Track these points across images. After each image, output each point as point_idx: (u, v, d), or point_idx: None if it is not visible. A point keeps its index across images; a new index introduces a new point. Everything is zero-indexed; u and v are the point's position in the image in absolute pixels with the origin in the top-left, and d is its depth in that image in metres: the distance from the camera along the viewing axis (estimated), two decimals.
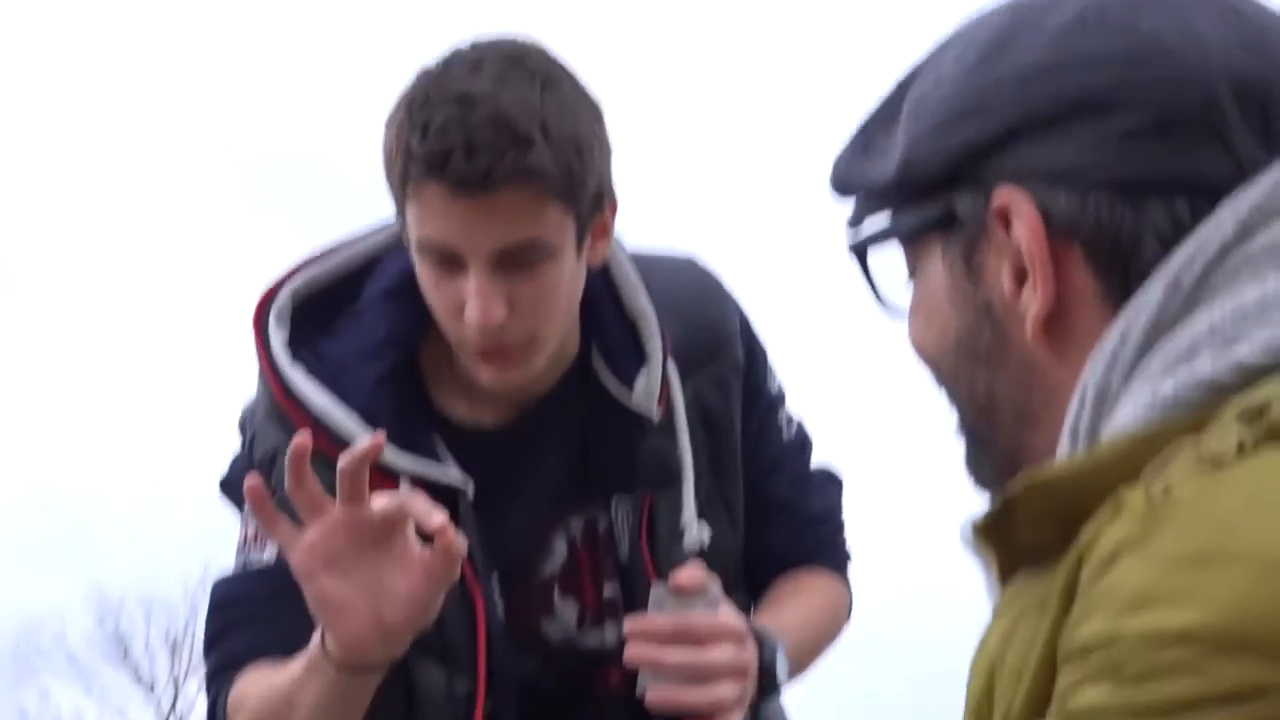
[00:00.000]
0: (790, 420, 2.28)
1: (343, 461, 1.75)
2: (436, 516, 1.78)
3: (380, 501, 1.79)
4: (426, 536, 1.82)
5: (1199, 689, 1.00)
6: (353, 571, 1.80)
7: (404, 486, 2.01)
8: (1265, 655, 1.00)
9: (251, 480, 1.80)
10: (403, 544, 1.81)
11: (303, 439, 1.76)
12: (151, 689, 36.05)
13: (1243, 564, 1.02)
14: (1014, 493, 1.15)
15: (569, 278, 1.99)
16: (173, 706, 34.84)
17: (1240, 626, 1.01)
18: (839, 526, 2.33)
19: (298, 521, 1.82)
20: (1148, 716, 1.02)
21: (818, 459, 2.32)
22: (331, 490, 1.88)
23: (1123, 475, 1.11)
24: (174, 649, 35.21)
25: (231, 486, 2.15)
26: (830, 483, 2.33)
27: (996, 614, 1.19)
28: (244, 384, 2.16)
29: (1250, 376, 1.13)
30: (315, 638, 1.89)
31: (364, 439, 1.77)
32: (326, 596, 1.81)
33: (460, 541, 1.80)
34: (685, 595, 1.98)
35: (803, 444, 2.30)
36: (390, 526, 1.79)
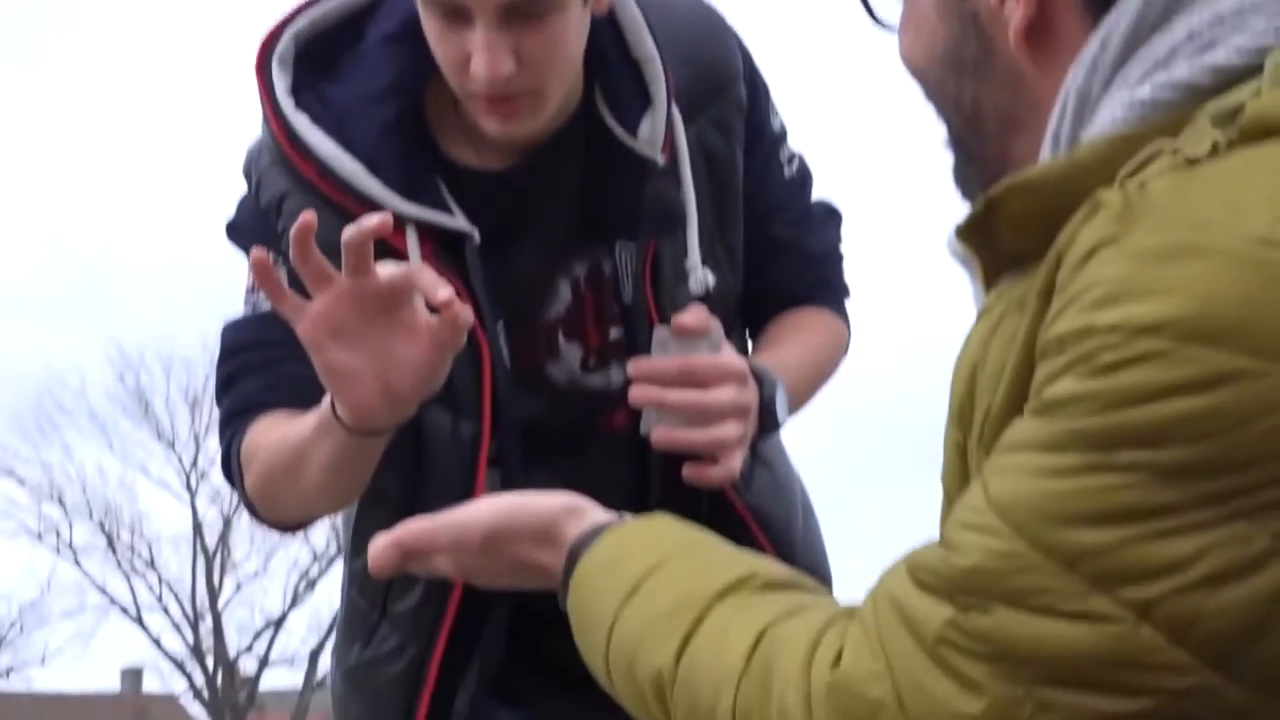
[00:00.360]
0: (791, 157, 2.28)
1: (348, 234, 1.76)
2: (443, 290, 1.77)
3: (387, 271, 1.80)
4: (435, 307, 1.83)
5: (1169, 377, 1.05)
6: (360, 340, 1.80)
7: (410, 234, 2.02)
8: (1232, 344, 1.04)
9: (257, 252, 1.80)
10: (410, 312, 1.80)
11: (308, 216, 1.76)
12: (172, 445, 36.49)
13: (1212, 257, 1.06)
14: (996, 193, 1.19)
15: (575, 28, 1.99)
16: (194, 463, 35.27)
17: (1209, 317, 1.05)
18: (838, 263, 2.35)
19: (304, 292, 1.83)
20: (1119, 404, 1.06)
21: (817, 193, 2.34)
22: (339, 239, 1.92)
23: (1101, 176, 1.14)
24: (194, 405, 35.48)
25: (238, 230, 2.16)
26: (829, 218, 2.34)
27: (979, 317, 1.24)
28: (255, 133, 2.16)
29: (1225, 79, 1.16)
30: (325, 401, 1.91)
31: (372, 218, 1.76)
32: (334, 366, 1.82)
33: (466, 312, 1.81)
34: (688, 337, 2.02)
35: (803, 180, 2.31)
36: (397, 295, 1.80)
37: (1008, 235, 1.20)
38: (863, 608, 1.17)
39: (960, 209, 1.35)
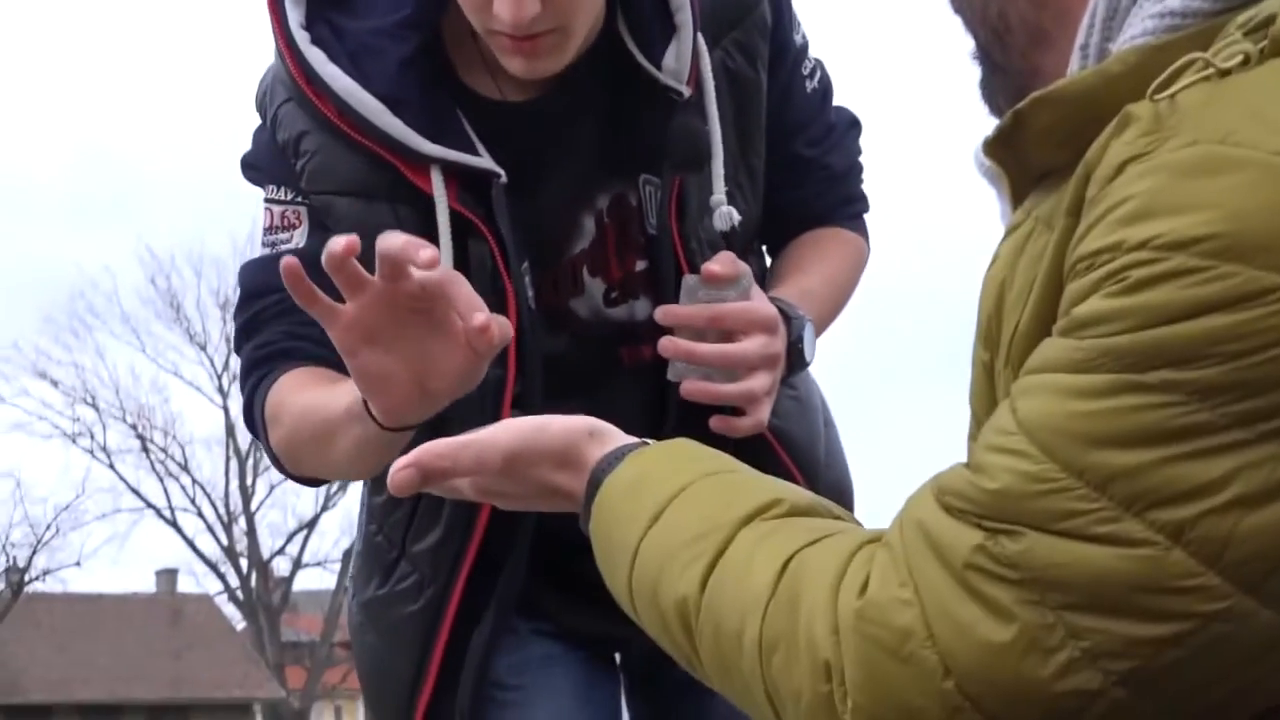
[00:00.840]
0: (813, 70, 2.23)
1: (386, 247, 1.66)
2: (478, 315, 1.67)
3: (422, 274, 1.68)
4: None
5: (1200, 295, 1.03)
6: (395, 344, 1.72)
7: (435, 175, 1.97)
8: (1264, 260, 1.02)
9: (288, 262, 1.69)
10: (446, 312, 1.70)
11: (351, 241, 1.64)
12: (204, 348, 36.62)
13: (1244, 170, 1.03)
14: (1024, 107, 1.16)
15: None
16: (226, 365, 35.33)
17: (1241, 233, 1.03)
18: (858, 176, 2.32)
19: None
20: (1150, 323, 1.04)
21: (837, 102, 2.30)
22: (361, 177, 1.90)
23: (1131, 88, 1.12)
24: (225, 307, 35.54)
25: (254, 167, 2.12)
26: (850, 129, 2.31)
27: (1006, 233, 1.21)
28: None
29: None
30: (357, 391, 1.82)
31: (424, 254, 1.64)
32: (368, 369, 1.74)
33: (506, 327, 1.71)
34: (717, 285, 1.98)
35: (824, 92, 2.26)
36: (432, 298, 1.69)
37: (1035, 150, 1.18)
38: (889, 533, 1.15)
39: (986, 121, 1.32)
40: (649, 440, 1.39)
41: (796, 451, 2.17)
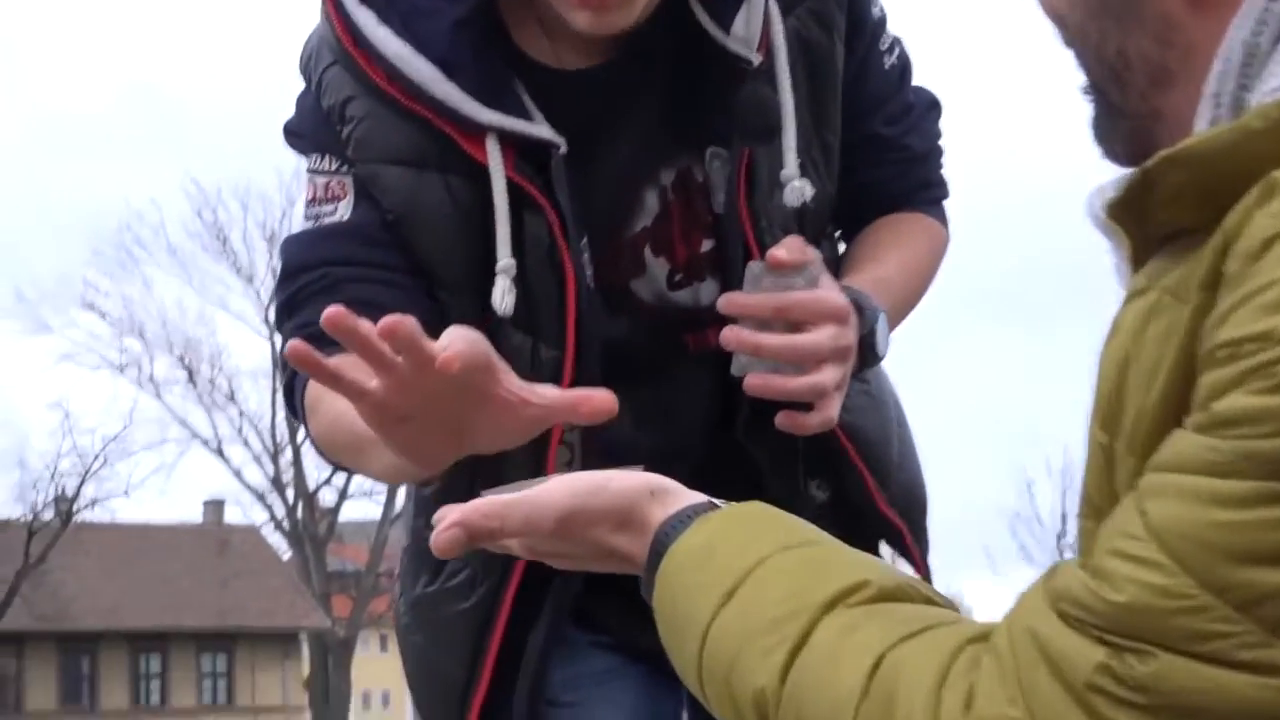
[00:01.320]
0: (891, 46, 2.11)
1: (410, 344, 1.46)
2: (534, 399, 1.50)
3: (460, 351, 1.47)
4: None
5: None
6: (430, 416, 1.53)
7: (491, 144, 1.86)
8: None
9: (294, 345, 1.48)
10: (485, 382, 1.51)
11: (393, 321, 1.44)
12: (250, 280, 36.67)
13: None
14: (1151, 165, 1.04)
15: None
16: (272, 297, 35.32)
17: None
18: (938, 159, 2.18)
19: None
20: None
21: (916, 81, 2.18)
22: (411, 145, 1.82)
23: (1273, 147, 0.99)
24: (271, 240, 35.63)
25: (297, 135, 2.01)
26: (930, 110, 2.17)
27: (1129, 299, 1.09)
28: None
29: None
30: None
31: (455, 360, 1.45)
32: (400, 441, 1.57)
33: (557, 401, 1.52)
34: (783, 272, 1.85)
35: (903, 70, 2.13)
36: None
37: (1163, 210, 1.05)
38: (997, 639, 1.04)
39: (1103, 164, 1.20)
40: (715, 500, 1.28)
41: (868, 450, 2.07)
